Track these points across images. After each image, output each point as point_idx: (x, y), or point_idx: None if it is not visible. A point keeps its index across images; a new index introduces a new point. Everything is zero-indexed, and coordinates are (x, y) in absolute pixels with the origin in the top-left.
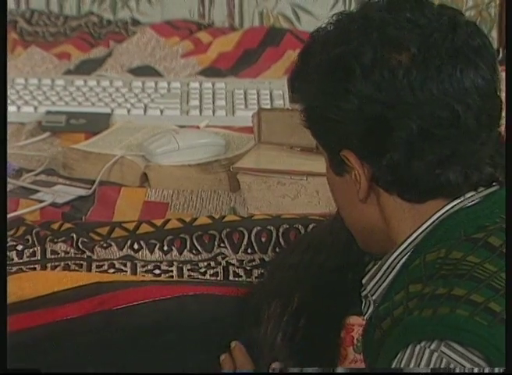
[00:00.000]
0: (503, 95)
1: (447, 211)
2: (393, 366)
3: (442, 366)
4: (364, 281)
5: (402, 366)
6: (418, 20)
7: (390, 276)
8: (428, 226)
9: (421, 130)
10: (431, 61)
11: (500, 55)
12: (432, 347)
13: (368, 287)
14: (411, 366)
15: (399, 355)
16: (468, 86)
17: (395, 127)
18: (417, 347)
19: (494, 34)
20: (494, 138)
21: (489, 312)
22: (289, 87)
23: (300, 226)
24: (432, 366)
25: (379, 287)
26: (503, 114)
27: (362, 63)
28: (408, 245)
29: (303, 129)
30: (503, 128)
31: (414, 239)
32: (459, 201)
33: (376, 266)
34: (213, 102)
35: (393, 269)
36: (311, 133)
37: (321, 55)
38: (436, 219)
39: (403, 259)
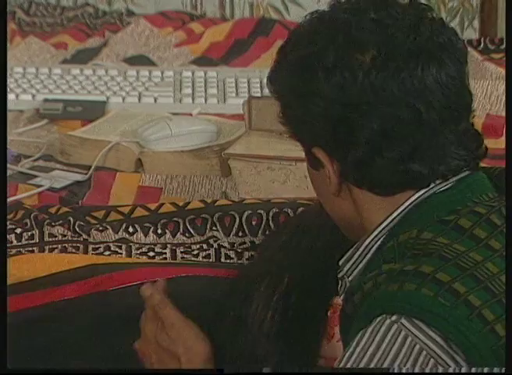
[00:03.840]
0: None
1: (420, 196)
2: (357, 338)
3: (400, 339)
4: (340, 263)
5: (364, 338)
6: (382, 20)
7: (366, 258)
8: (401, 211)
9: (381, 129)
10: (392, 61)
11: (482, 44)
12: (393, 318)
13: (345, 269)
14: (367, 334)
15: (363, 329)
16: (430, 84)
17: (356, 127)
18: (379, 318)
19: (476, 24)
20: (459, 132)
21: (453, 293)
22: (268, 86)
23: (289, 210)
24: (389, 337)
25: (355, 268)
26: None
27: (324, 66)
28: (383, 229)
29: None
30: (476, 119)
31: (389, 223)
32: (432, 186)
33: (353, 249)
34: (205, 90)
35: (369, 251)
36: (287, 130)
37: (291, 56)
38: (410, 204)
39: (378, 242)
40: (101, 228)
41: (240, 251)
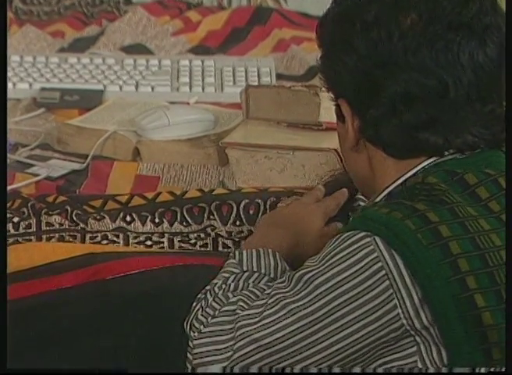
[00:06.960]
0: None
1: (432, 162)
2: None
3: (366, 251)
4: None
5: (333, 245)
6: None
7: None
8: (411, 176)
9: (404, 93)
10: (430, 29)
11: None
12: (365, 234)
13: None
14: (335, 242)
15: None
16: (464, 60)
17: (380, 86)
18: (352, 231)
19: None
20: (485, 112)
21: (435, 233)
22: (316, 31)
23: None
24: (355, 246)
25: None
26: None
27: (364, 20)
28: (391, 191)
29: (289, 105)
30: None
31: (398, 186)
32: (446, 155)
33: (363, 205)
34: (202, 79)
35: None
36: (321, 79)
37: (339, 5)
38: (420, 169)
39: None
40: (98, 217)
41: (237, 240)
